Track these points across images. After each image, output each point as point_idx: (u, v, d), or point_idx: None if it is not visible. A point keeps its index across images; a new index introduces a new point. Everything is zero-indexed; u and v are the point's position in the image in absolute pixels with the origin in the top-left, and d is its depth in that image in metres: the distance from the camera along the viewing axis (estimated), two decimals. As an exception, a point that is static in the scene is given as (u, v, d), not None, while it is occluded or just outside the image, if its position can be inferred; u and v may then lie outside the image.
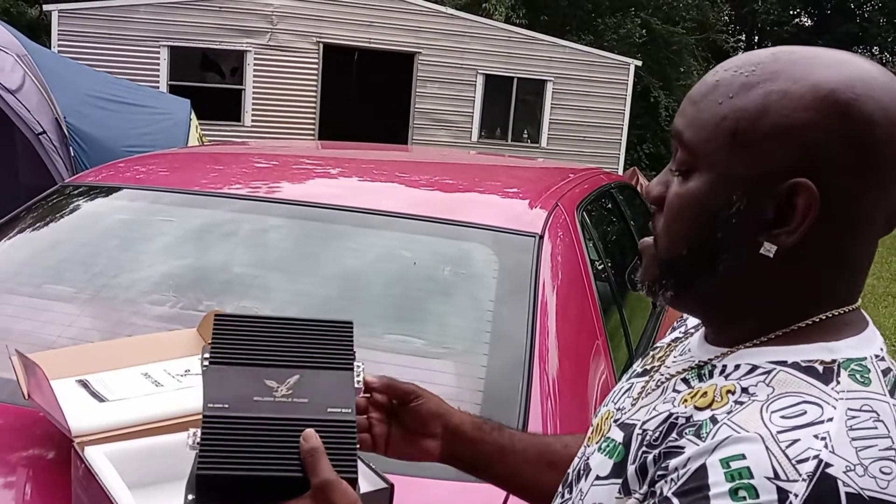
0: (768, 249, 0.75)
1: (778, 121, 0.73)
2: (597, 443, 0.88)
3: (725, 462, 0.67)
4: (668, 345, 0.94)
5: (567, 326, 1.76)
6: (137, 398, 1.32)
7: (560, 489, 0.93)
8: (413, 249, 1.98)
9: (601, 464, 0.82)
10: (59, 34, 12.50)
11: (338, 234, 2.01)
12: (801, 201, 0.73)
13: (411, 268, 1.95)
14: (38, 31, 14.19)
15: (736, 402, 0.72)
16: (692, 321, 0.95)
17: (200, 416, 0.84)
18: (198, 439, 0.82)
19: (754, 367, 0.75)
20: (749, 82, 0.76)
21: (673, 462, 0.71)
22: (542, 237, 1.88)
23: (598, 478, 0.82)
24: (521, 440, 1.06)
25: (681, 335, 0.95)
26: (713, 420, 0.71)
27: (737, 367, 0.77)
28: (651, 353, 0.97)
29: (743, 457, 0.66)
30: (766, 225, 0.75)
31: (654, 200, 0.83)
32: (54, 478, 1.30)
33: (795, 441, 0.66)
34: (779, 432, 0.67)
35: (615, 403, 0.92)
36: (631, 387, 0.92)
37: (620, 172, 13.70)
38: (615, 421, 0.88)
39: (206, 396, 0.86)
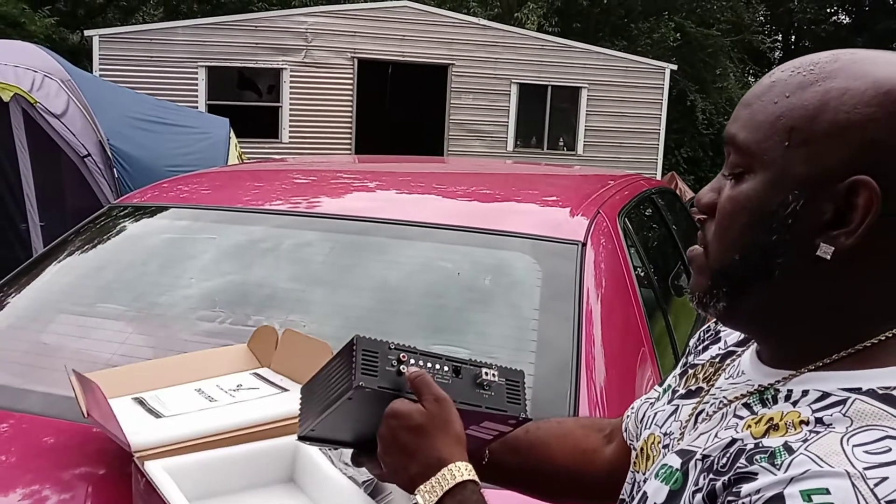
0: (825, 251, 0.71)
1: (837, 117, 0.70)
2: (650, 469, 0.85)
3: (807, 495, 0.64)
4: (711, 363, 0.90)
5: (612, 334, 1.76)
6: (192, 413, 1.35)
7: None
8: (456, 260, 1.98)
9: (657, 490, 0.79)
10: (100, 58, 12.76)
11: (381, 247, 2.03)
12: (860, 200, 0.69)
13: (455, 278, 1.95)
14: (79, 55, 14.47)
15: (811, 431, 0.69)
16: (731, 335, 0.91)
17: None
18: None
19: (825, 395, 0.72)
20: (806, 81, 0.73)
21: (745, 487, 0.67)
22: (584, 245, 1.88)
23: None
24: None
25: (721, 351, 0.91)
26: (788, 448, 0.68)
27: (804, 392, 0.73)
28: (690, 370, 0.93)
29: (827, 492, 0.63)
30: (824, 226, 0.71)
31: (705, 208, 0.79)
32: (113, 492, 1.33)
33: (883, 480, 0.63)
34: (865, 469, 0.63)
35: (660, 427, 0.89)
36: (677, 410, 0.88)
37: (658, 177, 13.59)
38: (664, 446, 0.86)
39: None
